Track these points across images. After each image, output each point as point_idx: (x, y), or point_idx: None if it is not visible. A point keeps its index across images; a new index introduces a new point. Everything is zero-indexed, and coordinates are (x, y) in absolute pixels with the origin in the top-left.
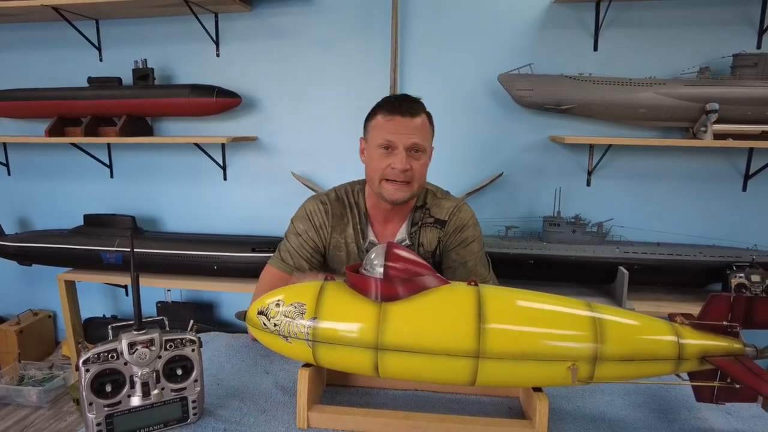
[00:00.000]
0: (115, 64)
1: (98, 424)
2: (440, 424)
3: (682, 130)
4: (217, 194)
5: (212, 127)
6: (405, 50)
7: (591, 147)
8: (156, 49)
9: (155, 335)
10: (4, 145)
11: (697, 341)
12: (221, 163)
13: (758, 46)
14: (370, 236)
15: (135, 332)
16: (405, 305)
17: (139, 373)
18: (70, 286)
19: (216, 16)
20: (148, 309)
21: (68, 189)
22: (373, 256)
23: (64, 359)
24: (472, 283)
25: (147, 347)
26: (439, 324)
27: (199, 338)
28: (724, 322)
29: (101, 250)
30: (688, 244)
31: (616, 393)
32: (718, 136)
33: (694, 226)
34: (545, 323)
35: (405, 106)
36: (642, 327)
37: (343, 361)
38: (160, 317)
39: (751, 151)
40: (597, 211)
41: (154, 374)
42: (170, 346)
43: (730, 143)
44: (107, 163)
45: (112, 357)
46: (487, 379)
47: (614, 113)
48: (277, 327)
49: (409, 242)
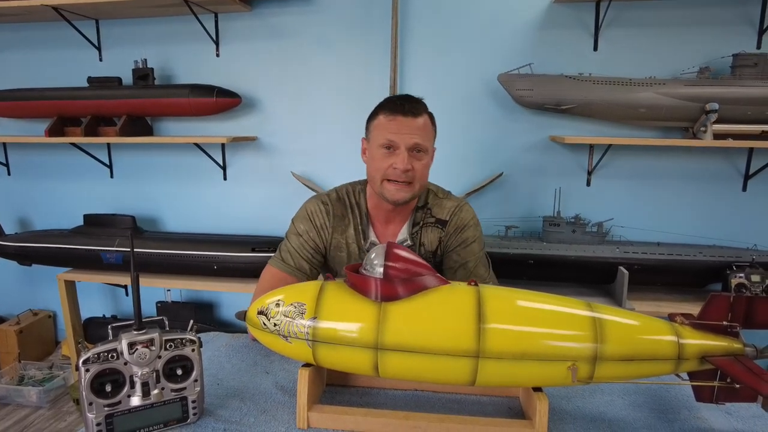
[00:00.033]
0: (115, 64)
1: (98, 424)
2: (440, 424)
3: (682, 130)
4: (217, 194)
5: (212, 127)
6: (405, 50)
7: (591, 147)
8: (156, 49)
9: (155, 335)
10: (4, 144)
11: (697, 341)
12: (221, 163)
13: (758, 46)
14: (372, 237)
15: (135, 332)
16: (405, 305)
17: (139, 373)
18: (70, 286)
19: (216, 16)
20: (148, 309)
21: (68, 189)
22: (373, 255)
23: (64, 359)
24: (472, 283)
25: (147, 347)
26: (439, 324)
27: (199, 338)
28: (724, 322)
29: (101, 250)
30: (688, 244)
31: (616, 393)
32: (718, 136)
33: (694, 226)
34: (545, 323)
35: (407, 106)
36: (642, 327)
37: (343, 361)
38: (160, 317)
39: (751, 151)
40: (597, 211)
41: (154, 374)
42: (170, 346)
43: (730, 143)
44: (107, 163)
45: (112, 357)
46: (487, 379)
47: (614, 113)
48: (277, 327)
49: (410, 242)
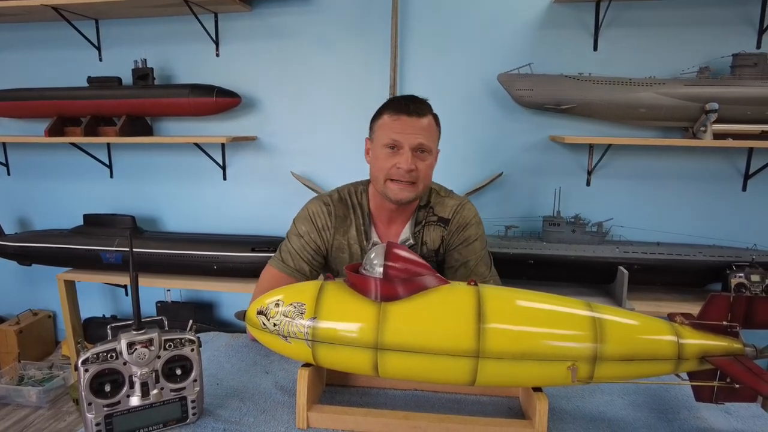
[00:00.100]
0: (115, 63)
1: (97, 424)
2: (440, 424)
3: (681, 129)
4: (216, 194)
5: (212, 126)
6: (405, 50)
7: (591, 147)
8: (156, 49)
9: (154, 335)
10: (4, 144)
11: (696, 341)
12: (221, 163)
13: (758, 46)
14: (374, 237)
15: (134, 332)
16: (405, 305)
17: (139, 373)
18: (70, 285)
19: (216, 16)
20: (148, 309)
21: (68, 189)
22: (372, 255)
23: (64, 359)
24: (472, 283)
25: (146, 347)
26: (438, 324)
27: (199, 338)
28: (724, 322)
29: (101, 249)
30: (687, 244)
31: (616, 393)
32: (717, 135)
33: (694, 225)
34: (545, 323)
35: (412, 106)
36: (642, 327)
37: (343, 361)
38: (160, 317)
39: (750, 150)
40: (597, 210)
41: (154, 374)
42: (169, 346)
43: (729, 143)
44: (107, 162)
45: (112, 357)
46: (487, 379)
47: (614, 113)
48: (276, 327)
49: (413, 241)
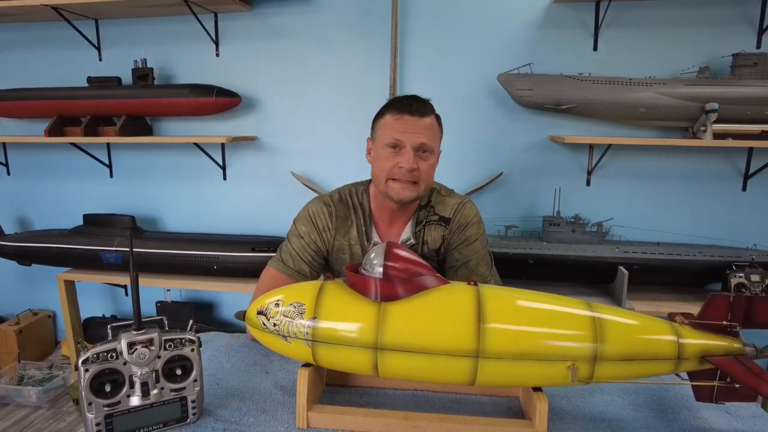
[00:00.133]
0: (115, 63)
1: (97, 424)
2: (440, 424)
3: (681, 129)
4: (216, 194)
5: (212, 126)
6: (405, 50)
7: (591, 147)
8: (156, 48)
9: (154, 335)
10: (4, 144)
11: (696, 341)
12: (221, 163)
13: (758, 46)
14: (375, 238)
15: (134, 332)
16: (404, 305)
17: (139, 373)
18: (70, 285)
19: (216, 16)
20: (148, 309)
21: (68, 189)
22: (372, 255)
23: (64, 359)
24: (472, 283)
25: (146, 347)
26: (438, 324)
27: (199, 338)
28: (724, 322)
29: (101, 249)
30: (687, 244)
31: (616, 393)
32: (717, 135)
33: (694, 225)
34: (545, 323)
35: (415, 106)
36: (642, 327)
37: (343, 361)
38: (160, 317)
39: (750, 150)
40: (597, 210)
41: (154, 374)
42: (170, 346)
43: (729, 143)
44: (107, 162)
45: (112, 357)
46: (487, 379)
47: (614, 113)
48: (276, 327)
49: (413, 241)
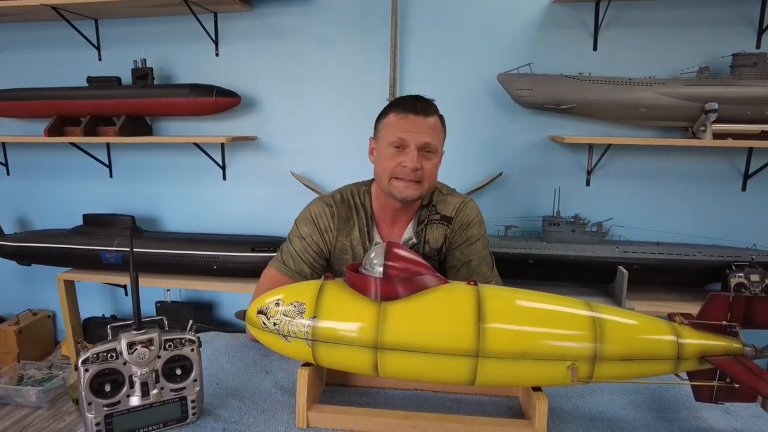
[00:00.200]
0: (115, 63)
1: (97, 424)
2: (439, 424)
3: (681, 129)
4: (216, 194)
5: (211, 126)
6: (404, 50)
7: (590, 147)
8: (155, 48)
9: (154, 335)
10: (3, 144)
11: (696, 341)
12: (221, 163)
13: (757, 46)
14: (377, 238)
15: (134, 332)
16: (404, 304)
17: (139, 373)
18: (70, 285)
19: (215, 16)
20: (148, 309)
21: (67, 189)
22: (372, 255)
23: (64, 359)
24: (472, 283)
25: (146, 347)
26: (438, 323)
27: (199, 338)
28: (724, 322)
29: (101, 249)
30: (687, 244)
31: (616, 392)
32: (717, 135)
33: (694, 225)
34: (545, 323)
35: (419, 105)
36: (641, 326)
37: (343, 361)
38: (160, 317)
39: (750, 150)
40: (596, 210)
41: (154, 374)
42: (169, 346)
43: (729, 143)
44: (106, 162)
45: (111, 357)
46: (487, 379)
47: (614, 113)
48: (276, 326)
49: (415, 240)
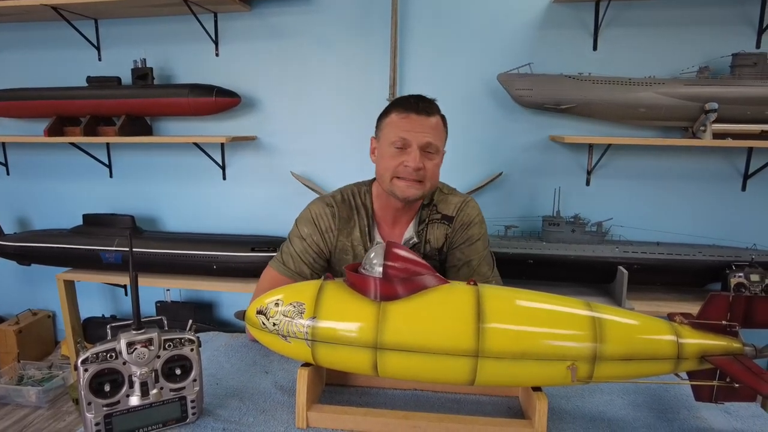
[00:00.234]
0: (115, 63)
1: (97, 424)
2: (439, 424)
3: (681, 129)
4: (216, 194)
5: (211, 126)
6: (404, 50)
7: (590, 146)
8: (155, 48)
9: (154, 335)
10: (3, 144)
11: (696, 341)
12: (220, 163)
13: (757, 46)
14: (377, 238)
15: (134, 332)
16: (404, 305)
17: (138, 373)
18: (70, 285)
19: (215, 16)
20: (148, 309)
21: (67, 189)
22: (372, 255)
23: (63, 359)
24: (472, 283)
25: (146, 347)
26: (438, 323)
27: (198, 338)
28: (724, 322)
29: (100, 249)
30: (687, 244)
31: (616, 392)
32: (717, 135)
33: (694, 225)
34: (544, 323)
35: (421, 105)
36: (641, 326)
37: (343, 361)
38: (159, 317)
39: (750, 150)
40: (596, 210)
41: (153, 374)
42: (169, 346)
43: (729, 143)
44: (106, 162)
45: (111, 357)
46: (487, 379)
47: (614, 113)
48: (276, 326)
49: (416, 239)
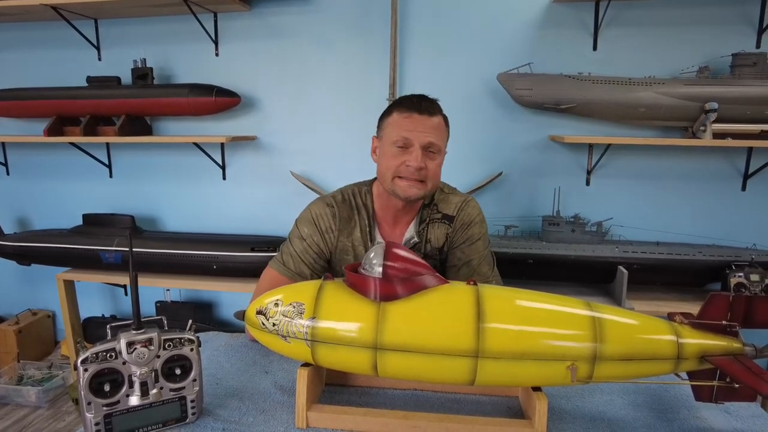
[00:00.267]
0: (114, 63)
1: (97, 424)
2: (439, 424)
3: (681, 129)
4: (216, 194)
5: (211, 126)
6: (404, 50)
7: (590, 146)
8: (155, 48)
9: (154, 335)
10: (3, 144)
11: (696, 340)
12: (220, 163)
13: (757, 46)
14: (378, 238)
15: (134, 332)
16: (404, 305)
17: (138, 373)
18: (69, 285)
19: (215, 16)
20: (147, 309)
21: (67, 189)
22: (372, 255)
23: (63, 359)
24: (471, 283)
25: (146, 347)
26: (438, 323)
27: (198, 338)
28: (724, 322)
29: (100, 249)
30: (687, 244)
31: (616, 392)
32: (717, 135)
33: (694, 225)
34: (544, 323)
35: (423, 105)
36: (641, 326)
37: (342, 361)
38: (159, 317)
39: (750, 150)
40: (596, 210)
41: (153, 374)
42: (169, 346)
43: (729, 143)
44: (106, 162)
45: (111, 356)
46: (487, 379)
47: (614, 113)
48: (275, 327)
49: (417, 239)
